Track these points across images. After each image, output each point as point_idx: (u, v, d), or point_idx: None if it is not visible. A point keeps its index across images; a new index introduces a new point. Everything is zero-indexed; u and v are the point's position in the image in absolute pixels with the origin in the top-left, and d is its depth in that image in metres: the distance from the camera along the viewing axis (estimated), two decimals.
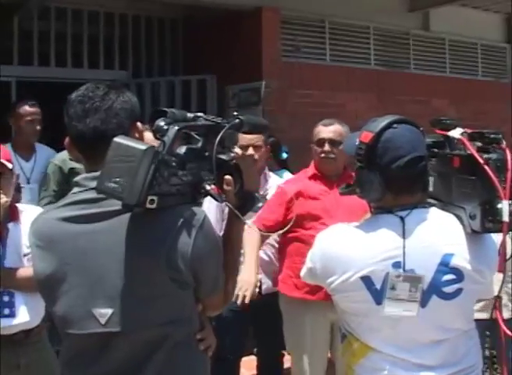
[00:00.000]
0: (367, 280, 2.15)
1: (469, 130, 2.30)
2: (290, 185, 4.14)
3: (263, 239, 4.01)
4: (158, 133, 1.88)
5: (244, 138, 4.26)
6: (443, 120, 2.38)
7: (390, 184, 2.17)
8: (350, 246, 2.20)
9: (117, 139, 1.75)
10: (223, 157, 1.99)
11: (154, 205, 1.74)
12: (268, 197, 4.17)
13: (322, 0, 7.83)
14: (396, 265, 2.15)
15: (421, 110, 7.82)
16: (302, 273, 2.42)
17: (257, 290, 3.99)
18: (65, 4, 7.77)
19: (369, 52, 8.50)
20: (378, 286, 2.15)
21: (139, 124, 1.98)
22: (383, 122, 2.20)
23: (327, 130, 3.98)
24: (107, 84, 1.97)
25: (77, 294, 1.90)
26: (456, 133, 2.31)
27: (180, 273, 1.87)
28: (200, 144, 1.95)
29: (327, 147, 3.95)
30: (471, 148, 2.16)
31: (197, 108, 7.56)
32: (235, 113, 2.06)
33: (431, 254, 2.16)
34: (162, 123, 1.88)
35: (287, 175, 5.81)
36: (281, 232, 3.80)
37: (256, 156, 4.31)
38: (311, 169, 4.10)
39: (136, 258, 1.85)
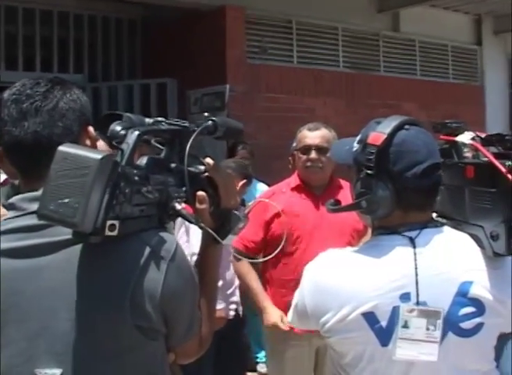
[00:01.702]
0: (370, 317, 1.77)
1: (481, 134, 1.95)
2: (272, 200, 3.73)
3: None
4: (115, 139, 1.53)
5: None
6: (449, 123, 2.06)
7: (401, 197, 1.81)
8: (347, 276, 1.82)
9: (63, 148, 1.37)
10: (192, 169, 1.64)
11: (115, 232, 1.38)
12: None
13: None
14: (405, 297, 1.78)
15: (392, 114, 7.52)
16: (289, 317, 2.02)
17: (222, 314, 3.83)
18: (15, 2, 7.37)
19: (338, 54, 8.35)
20: (383, 323, 1.77)
21: (91, 129, 1.61)
22: (394, 122, 1.84)
23: (313, 136, 3.61)
24: (49, 79, 1.58)
25: (16, 351, 1.48)
26: (465, 137, 1.98)
27: (149, 319, 1.49)
28: (164, 154, 1.63)
29: (313, 154, 3.58)
30: (489, 155, 1.81)
31: (156, 114, 7.21)
32: (206, 114, 1.71)
33: (446, 283, 1.80)
34: (119, 128, 1.54)
35: (262, 186, 5.52)
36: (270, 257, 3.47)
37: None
38: (294, 180, 3.72)
39: (92, 301, 1.46)
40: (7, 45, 7.48)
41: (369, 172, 1.80)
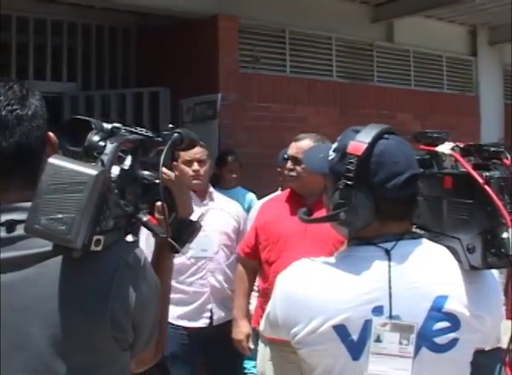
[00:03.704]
0: (341, 330, 1.72)
1: (461, 144, 1.90)
2: (267, 206, 3.90)
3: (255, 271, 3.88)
4: (94, 150, 1.48)
5: (188, 152, 4.01)
6: (429, 133, 2.01)
7: (380, 208, 1.76)
8: (319, 287, 1.77)
9: (54, 160, 1.34)
10: (151, 179, 1.63)
11: (99, 247, 1.38)
12: (212, 221, 3.99)
13: (283, 8, 7.60)
14: (378, 310, 1.73)
15: (386, 124, 7.51)
16: (261, 326, 1.99)
17: (208, 321, 4.03)
18: (9, 11, 7.31)
19: (331, 64, 8.26)
20: (354, 337, 1.72)
21: (52, 135, 1.55)
22: (373, 131, 1.79)
23: (293, 146, 3.69)
24: (19, 82, 1.52)
25: None
26: (445, 148, 1.94)
27: (124, 331, 1.47)
28: (128, 164, 1.59)
29: (289, 164, 3.66)
30: (467, 165, 1.77)
31: (149, 123, 7.44)
32: (170, 126, 1.71)
33: (421, 296, 1.75)
34: (97, 138, 1.50)
35: (251, 195, 5.52)
36: None
37: (201, 172, 4.10)
38: (289, 189, 3.80)
39: (70, 316, 1.42)
40: (0, 54, 7.41)
41: (349, 182, 1.76)
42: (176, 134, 1.66)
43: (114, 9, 7.27)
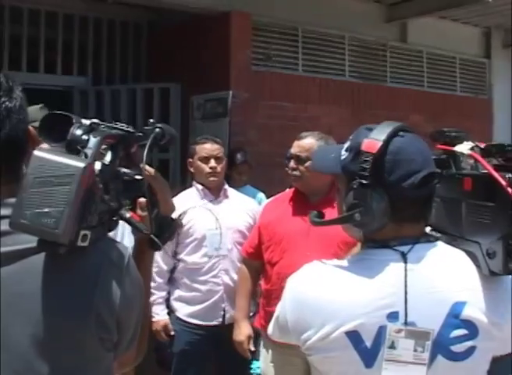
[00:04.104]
0: (354, 336, 1.66)
1: (481, 144, 1.83)
2: (272, 206, 3.78)
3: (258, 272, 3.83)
4: (78, 144, 1.44)
5: (204, 149, 4.06)
6: (447, 132, 1.94)
7: (396, 209, 1.69)
8: (331, 291, 1.71)
9: (39, 153, 1.30)
10: (133, 175, 1.61)
11: (86, 243, 1.33)
12: (226, 219, 4.01)
13: (296, 6, 7.50)
14: (393, 316, 1.67)
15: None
16: (269, 329, 1.92)
17: (221, 320, 4.02)
18: (20, 3, 7.28)
19: (344, 63, 8.17)
20: (368, 343, 1.66)
21: (32, 129, 1.49)
22: (387, 128, 1.73)
23: (296, 145, 3.61)
24: (5, 75, 1.45)
25: None
26: (464, 148, 1.86)
27: (110, 331, 1.42)
28: (109, 159, 1.55)
29: (292, 163, 3.58)
30: (488, 166, 1.70)
31: (159, 119, 7.18)
32: (151, 120, 1.68)
33: (438, 302, 1.68)
34: (80, 132, 1.46)
35: (262, 195, 5.47)
36: None
37: (219, 169, 4.07)
38: (294, 188, 3.73)
39: (54, 315, 1.37)
40: (11, 46, 7.38)
41: (363, 181, 1.69)
42: (157, 129, 1.64)
43: (126, 4, 7.18)
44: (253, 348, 3.81)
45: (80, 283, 1.39)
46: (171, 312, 4.10)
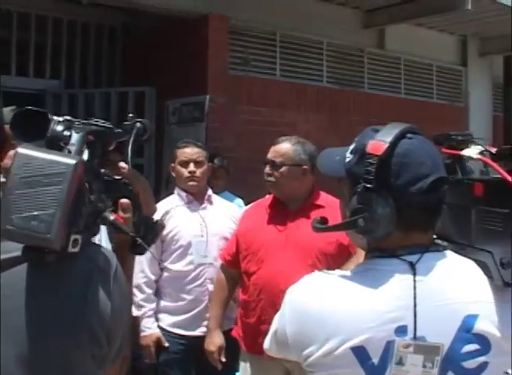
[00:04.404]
0: (360, 352, 1.54)
1: (492, 148, 1.74)
2: (249, 212, 3.70)
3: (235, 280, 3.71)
4: (60, 140, 1.36)
5: (184, 153, 3.96)
6: (453, 136, 1.84)
7: (402, 215, 1.59)
8: (336, 304, 1.59)
9: (24, 151, 1.20)
10: (112, 175, 1.52)
11: (77, 248, 1.23)
12: (211, 225, 3.90)
13: (274, 11, 7.43)
14: (401, 330, 1.56)
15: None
16: (266, 343, 1.79)
17: (205, 330, 3.87)
18: None
19: (322, 69, 8.10)
20: (375, 360, 1.55)
21: (6, 127, 1.42)
22: (394, 130, 1.63)
23: (272, 150, 3.50)
24: None
25: None
26: (472, 152, 1.77)
27: (101, 345, 1.31)
28: (87, 158, 1.43)
29: (267, 169, 3.48)
30: (502, 171, 1.60)
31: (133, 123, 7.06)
32: (131, 115, 1.60)
33: (449, 315, 1.58)
34: (61, 128, 1.38)
35: (239, 202, 5.35)
36: None
37: (198, 173, 3.95)
38: (273, 195, 3.60)
39: (43, 330, 1.25)
40: None
41: (368, 185, 1.58)
42: (138, 124, 1.56)
43: (101, 6, 7.05)
44: (223, 359, 3.68)
45: (69, 294, 1.27)
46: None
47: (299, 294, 1.67)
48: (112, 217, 1.39)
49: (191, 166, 3.93)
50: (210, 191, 4.13)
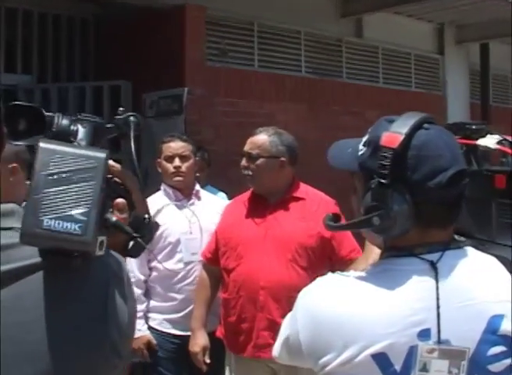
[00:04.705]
0: (381, 359, 1.44)
1: (509, 137, 1.64)
2: (230, 208, 3.60)
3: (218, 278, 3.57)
4: (69, 135, 1.27)
5: (169, 148, 3.86)
6: (467, 125, 1.74)
7: (421, 212, 1.48)
8: (353, 309, 1.48)
9: (48, 145, 1.10)
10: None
11: (102, 251, 1.12)
12: (200, 221, 3.72)
13: (252, 0, 7.34)
14: (425, 334, 1.45)
15: (355, 122, 7.53)
16: (276, 351, 1.68)
17: None
18: None
19: (300, 59, 8.04)
20: (397, 367, 1.44)
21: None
22: (410, 120, 1.51)
23: (248, 141, 3.40)
24: None
25: None
26: (490, 141, 1.66)
27: (120, 356, 1.20)
28: None
29: (243, 162, 3.38)
30: None
31: (109, 118, 6.92)
32: (122, 109, 1.50)
33: (474, 316, 1.48)
34: (67, 122, 1.29)
35: (222, 195, 5.21)
36: None
37: (183, 168, 3.82)
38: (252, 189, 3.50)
39: (65, 347, 1.13)
40: None
41: (383, 181, 1.47)
42: (132, 118, 1.44)
43: None
44: (208, 360, 3.55)
45: (89, 303, 1.17)
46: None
47: (312, 298, 1.55)
48: (114, 218, 1.27)
49: (176, 161, 3.82)
50: (198, 187, 4.02)
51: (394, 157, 1.47)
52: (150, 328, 3.83)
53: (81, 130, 1.25)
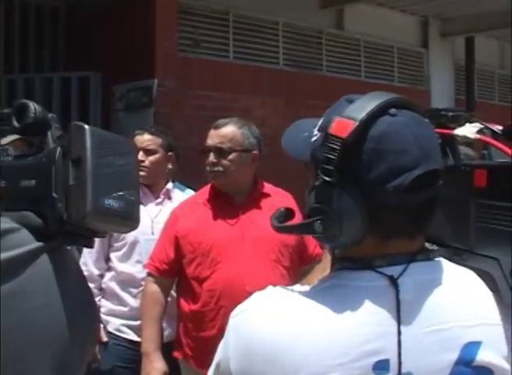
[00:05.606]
0: None
1: (493, 125, 1.37)
2: (185, 210, 3.24)
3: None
4: (48, 126, 1.28)
5: (135, 141, 3.64)
6: (443, 111, 1.48)
7: (377, 218, 1.20)
8: (295, 334, 1.21)
9: (93, 128, 1.15)
10: None
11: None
12: (162, 222, 3.42)
13: None
14: (382, 366, 1.19)
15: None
16: None
17: None
18: None
19: (278, 51, 8.02)
20: None
21: None
22: (373, 102, 1.21)
23: (214, 135, 3.08)
24: None
25: None
26: (468, 130, 1.40)
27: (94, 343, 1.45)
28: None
29: (211, 157, 3.05)
30: None
31: (77, 110, 7.16)
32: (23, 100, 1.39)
33: (443, 344, 1.23)
34: (44, 113, 1.27)
35: (191, 193, 4.97)
36: None
37: (147, 162, 3.62)
38: (210, 188, 3.18)
39: (74, 329, 1.15)
40: None
41: (327, 179, 1.18)
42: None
43: None
44: None
45: (81, 287, 1.23)
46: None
47: (246, 319, 1.27)
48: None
49: (140, 155, 3.60)
50: (170, 185, 3.82)
51: (343, 149, 1.17)
52: (108, 333, 3.61)
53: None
